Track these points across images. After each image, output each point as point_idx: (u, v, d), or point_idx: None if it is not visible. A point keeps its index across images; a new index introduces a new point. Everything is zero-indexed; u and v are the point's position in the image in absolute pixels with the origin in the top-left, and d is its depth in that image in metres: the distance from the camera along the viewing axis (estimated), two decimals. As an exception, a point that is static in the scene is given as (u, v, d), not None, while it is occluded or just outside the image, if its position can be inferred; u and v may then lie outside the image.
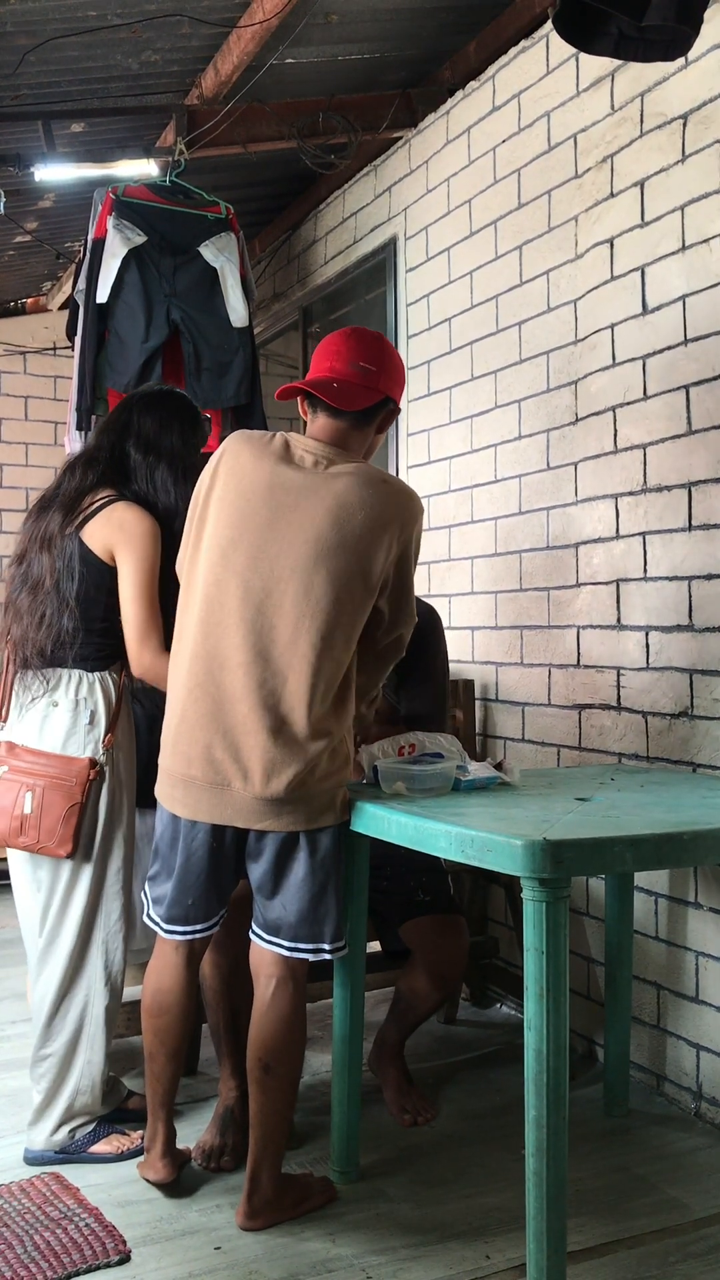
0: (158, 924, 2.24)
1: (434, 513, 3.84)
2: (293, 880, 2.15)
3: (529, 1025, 1.77)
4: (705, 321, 2.67)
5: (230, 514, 2.12)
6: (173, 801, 2.17)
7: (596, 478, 3.03)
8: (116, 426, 2.60)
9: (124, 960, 2.50)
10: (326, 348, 2.25)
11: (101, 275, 3.68)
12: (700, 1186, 2.35)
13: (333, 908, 2.18)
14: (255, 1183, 2.20)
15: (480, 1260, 2.09)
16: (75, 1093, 2.46)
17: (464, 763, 2.38)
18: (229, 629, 2.09)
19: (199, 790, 2.11)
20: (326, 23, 3.32)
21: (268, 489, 2.12)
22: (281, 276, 5.06)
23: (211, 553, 2.13)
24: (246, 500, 2.12)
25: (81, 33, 3.12)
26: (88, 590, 2.44)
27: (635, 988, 2.83)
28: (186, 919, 2.21)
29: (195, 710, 2.11)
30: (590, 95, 3.05)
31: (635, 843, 1.84)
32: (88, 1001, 2.46)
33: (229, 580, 2.10)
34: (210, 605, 2.11)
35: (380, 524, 2.11)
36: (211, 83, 3.53)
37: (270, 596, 2.08)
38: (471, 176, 3.60)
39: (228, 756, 2.09)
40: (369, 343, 2.23)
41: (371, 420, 2.24)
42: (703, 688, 2.68)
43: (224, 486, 2.15)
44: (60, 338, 5.30)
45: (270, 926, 2.18)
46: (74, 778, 2.40)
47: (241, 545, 2.10)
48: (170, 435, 2.57)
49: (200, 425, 2.66)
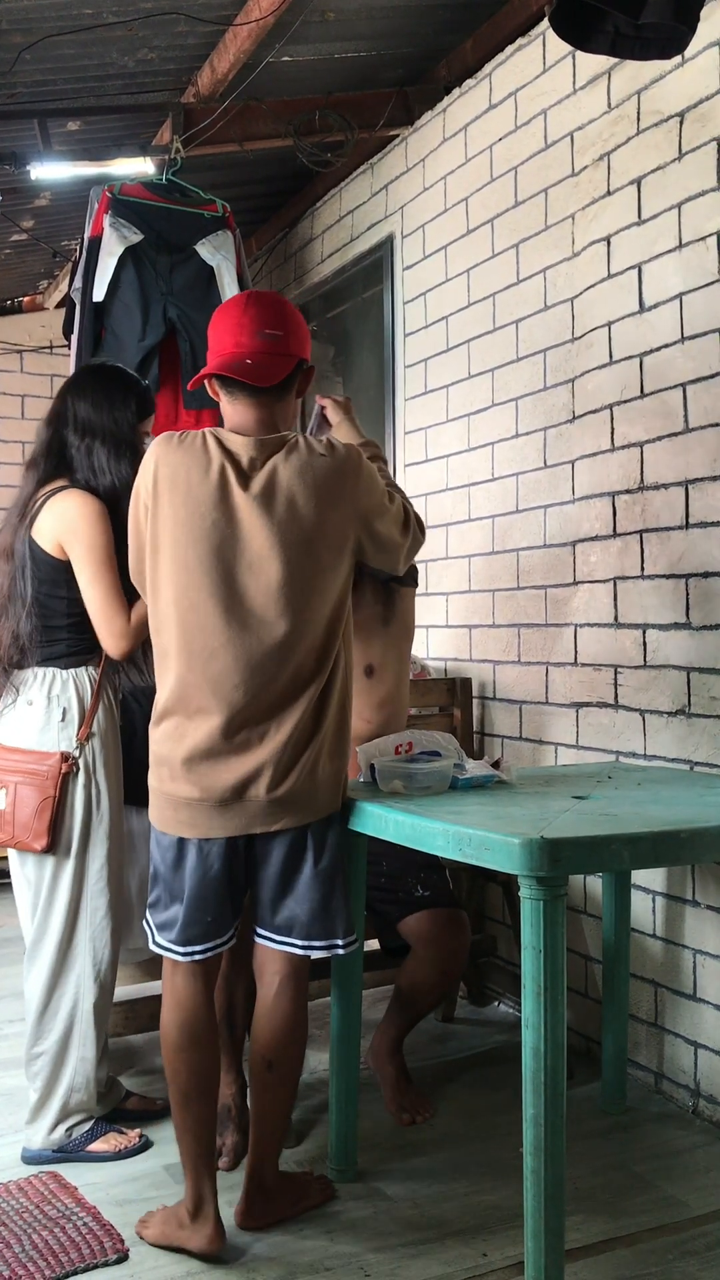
0: (170, 949, 2.11)
1: (431, 511, 3.84)
2: (303, 879, 2.12)
3: (527, 1023, 1.77)
4: (702, 319, 2.67)
5: (183, 534, 2.04)
6: (177, 825, 2.09)
7: (593, 476, 3.03)
8: (54, 417, 2.56)
9: (112, 957, 2.49)
10: (226, 321, 2.13)
11: (98, 274, 3.68)
12: (698, 1184, 2.36)
13: (343, 903, 2.17)
14: (255, 1181, 2.19)
15: (478, 1258, 2.10)
16: (70, 1090, 2.46)
17: (461, 761, 2.38)
18: (217, 653, 2.03)
19: (209, 809, 2.06)
20: (323, 20, 3.31)
21: (218, 499, 2.03)
22: (278, 274, 5.06)
23: (178, 575, 2.05)
24: (200, 515, 2.03)
25: (77, 30, 3.11)
26: (43, 587, 2.44)
27: (633, 986, 2.83)
28: (207, 936, 2.11)
29: (198, 735, 2.05)
30: (587, 93, 3.05)
31: (633, 841, 1.84)
32: (77, 999, 2.45)
33: (204, 602, 2.03)
34: (190, 632, 2.04)
35: (331, 499, 2.06)
36: (208, 81, 3.52)
37: (249, 608, 2.03)
38: (468, 174, 3.59)
39: (240, 773, 2.04)
40: (269, 307, 2.13)
41: (290, 388, 2.15)
42: (700, 686, 2.68)
43: (169, 505, 2.05)
44: (57, 336, 5.29)
45: (281, 927, 2.14)
46: (46, 771, 2.40)
47: (207, 562, 2.03)
48: (102, 414, 2.51)
49: (134, 395, 2.57)
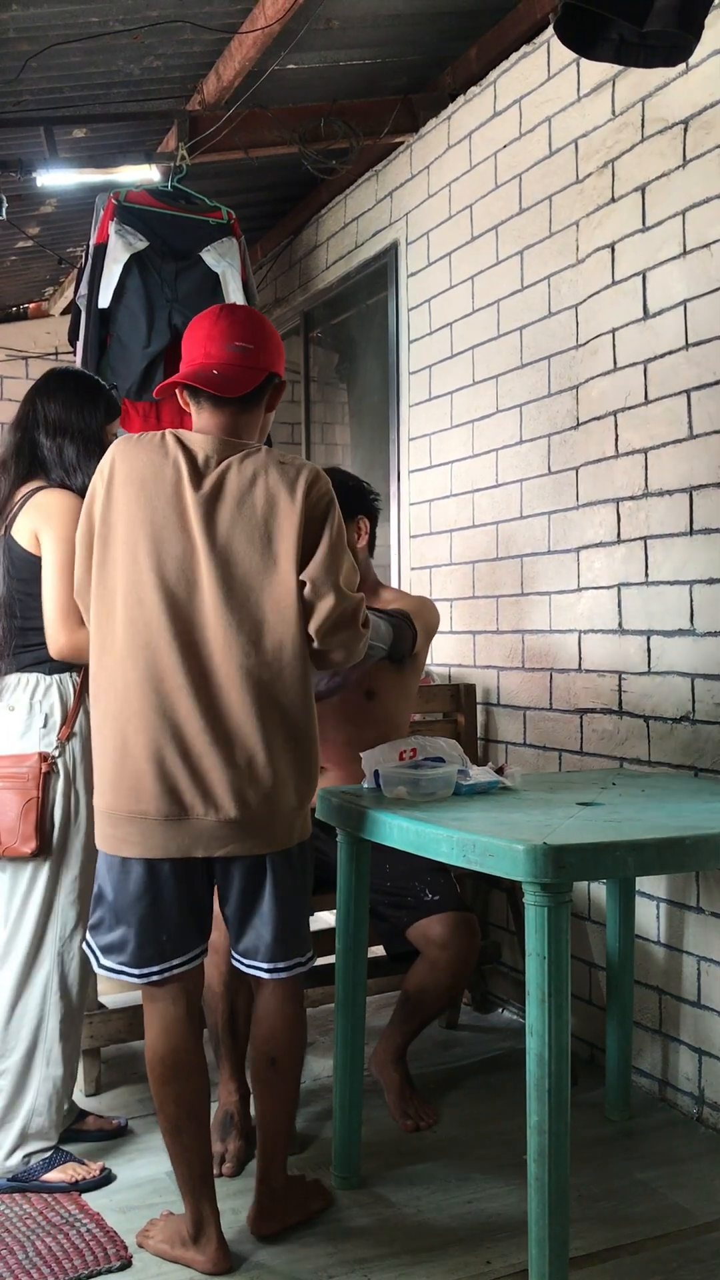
0: (124, 971, 2.04)
1: (435, 517, 3.84)
2: (264, 908, 2.07)
3: (530, 1030, 1.77)
4: (706, 326, 2.67)
5: (136, 527, 2.01)
6: (120, 843, 2.01)
7: (597, 482, 3.03)
8: (23, 419, 2.55)
9: (83, 974, 2.42)
10: (198, 333, 2.13)
11: (103, 280, 3.68)
12: (703, 1192, 2.35)
13: (304, 922, 2.15)
14: (266, 1186, 2.18)
15: (481, 1266, 2.09)
16: (31, 1113, 2.37)
17: (465, 767, 2.37)
18: (161, 650, 1.98)
19: (153, 825, 1.98)
20: (328, 28, 3.32)
21: (171, 495, 2.01)
22: (283, 281, 5.07)
23: (126, 572, 2.01)
24: (151, 510, 2.01)
25: (84, 39, 3.12)
26: (26, 588, 2.41)
27: (637, 992, 2.83)
28: (163, 955, 2.03)
29: (139, 740, 1.98)
30: (591, 100, 3.05)
31: (637, 847, 1.84)
32: (42, 1016, 2.37)
33: (150, 598, 1.99)
34: (135, 627, 1.99)
35: (280, 508, 2.03)
36: (213, 88, 3.54)
37: (195, 609, 2.00)
38: (473, 181, 3.60)
39: (186, 784, 1.97)
40: (242, 320, 2.12)
41: (259, 401, 2.13)
42: (704, 692, 2.68)
43: (124, 499, 2.03)
44: (62, 343, 5.30)
45: (247, 951, 2.11)
46: (26, 773, 2.35)
47: (155, 559, 1.99)
48: (71, 413, 2.51)
49: (101, 398, 2.57)
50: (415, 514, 3.97)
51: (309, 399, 5.05)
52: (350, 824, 2.25)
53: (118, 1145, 2.57)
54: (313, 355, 5.02)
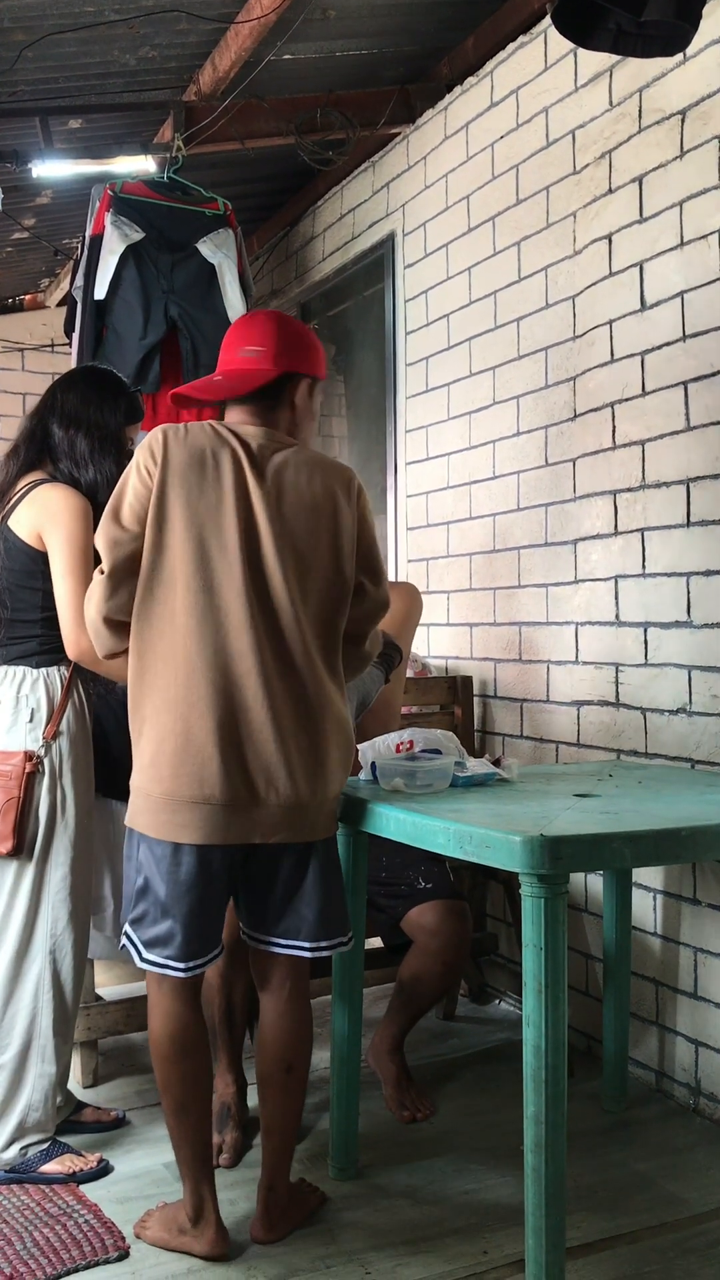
0: (169, 966, 2.02)
1: (432, 509, 3.84)
2: (308, 889, 2.09)
3: (527, 1021, 1.77)
4: (703, 317, 2.67)
5: (198, 512, 2.00)
6: (179, 829, 1.98)
7: (595, 474, 3.03)
8: (41, 408, 2.53)
9: (76, 971, 2.41)
10: (224, 340, 2.19)
11: (99, 272, 3.67)
12: (699, 1182, 2.36)
13: (345, 902, 2.17)
14: (272, 1194, 2.16)
15: (479, 1255, 2.10)
16: (27, 1108, 2.36)
17: (462, 759, 2.38)
18: (231, 635, 1.98)
19: (217, 811, 1.97)
20: (324, 18, 3.31)
21: (236, 484, 2.02)
22: (280, 273, 5.06)
23: (188, 556, 1.99)
24: (217, 496, 2.01)
25: (79, 29, 3.11)
26: (17, 579, 2.38)
27: (634, 984, 2.83)
28: (206, 947, 2.04)
29: (204, 725, 1.96)
30: (589, 91, 3.05)
31: (634, 839, 1.84)
32: (34, 1013, 2.35)
33: (219, 583, 1.99)
34: (202, 611, 1.98)
35: (331, 500, 2.08)
36: (209, 79, 3.52)
37: (266, 594, 2.01)
38: (470, 172, 3.59)
39: (253, 768, 1.99)
40: (256, 325, 2.16)
41: (280, 398, 2.13)
42: (701, 684, 2.68)
43: (181, 484, 2.01)
44: (58, 334, 5.29)
45: (288, 931, 2.10)
46: (10, 771, 2.32)
47: (222, 545, 2.00)
48: (90, 408, 2.48)
49: (123, 398, 2.55)
50: (412, 506, 3.97)
51: (306, 391, 5.03)
52: (347, 816, 2.25)
53: (115, 1137, 2.57)
54: (309, 347, 5.00)
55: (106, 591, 2.06)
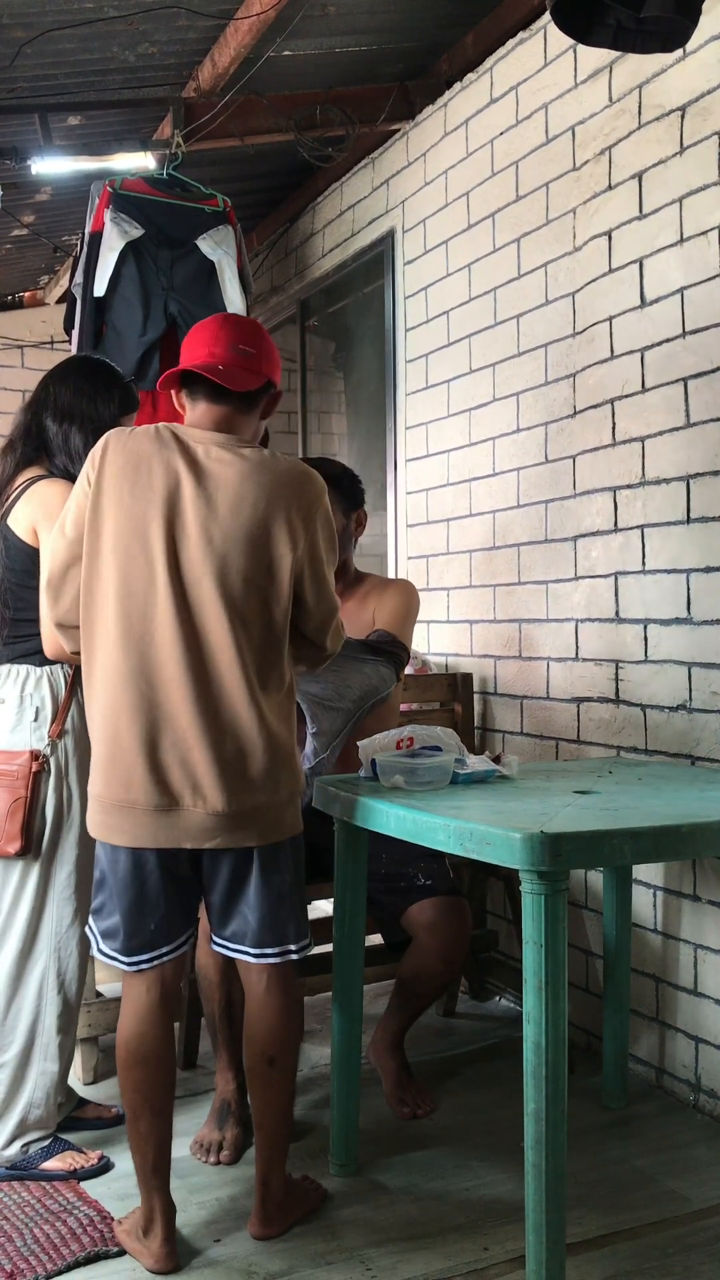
0: (116, 959, 2.06)
1: (432, 506, 3.84)
2: (250, 894, 2.08)
3: (528, 1018, 1.78)
4: (703, 314, 2.67)
5: (129, 519, 1.99)
6: (110, 831, 2.02)
7: (595, 471, 3.03)
8: (35, 402, 2.50)
9: (80, 969, 2.41)
10: (202, 335, 2.15)
11: (99, 269, 3.67)
12: (699, 1178, 2.36)
13: (293, 910, 2.13)
14: (267, 1188, 2.15)
15: (479, 1252, 2.10)
16: (29, 1105, 2.36)
17: (462, 756, 2.38)
18: (155, 642, 1.98)
19: (141, 815, 1.98)
20: (323, 15, 3.31)
21: (168, 489, 2.00)
22: (279, 269, 5.05)
23: (119, 563, 1.99)
24: (147, 503, 2.00)
25: (78, 25, 3.11)
26: (18, 578, 2.38)
27: (634, 980, 2.84)
28: (152, 944, 2.05)
29: (130, 731, 1.98)
30: (588, 87, 3.04)
31: (634, 835, 1.85)
32: (38, 1011, 2.36)
33: (145, 591, 1.98)
34: (130, 618, 1.98)
35: (275, 511, 2.04)
36: (208, 75, 3.52)
37: (190, 601, 1.99)
38: (469, 169, 3.59)
39: (176, 775, 1.98)
40: (246, 327, 2.16)
41: (255, 405, 2.15)
42: (701, 681, 2.68)
43: (115, 490, 2.01)
44: (58, 332, 5.29)
45: (234, 935, 2.11)
46: (16, 771, 2.32)
47: (150, 552, 1.98)
48: (84, 401, 2.46)
49: (118, 389, 2.52)
50: (412, 503, 3.97)
51: (305, 388, 5.03)
52: (347, 813, 2.25)
53: (116, 1134, 2.57)
54: (309, 344, 5.01)
55: (49, 599, 2.13)
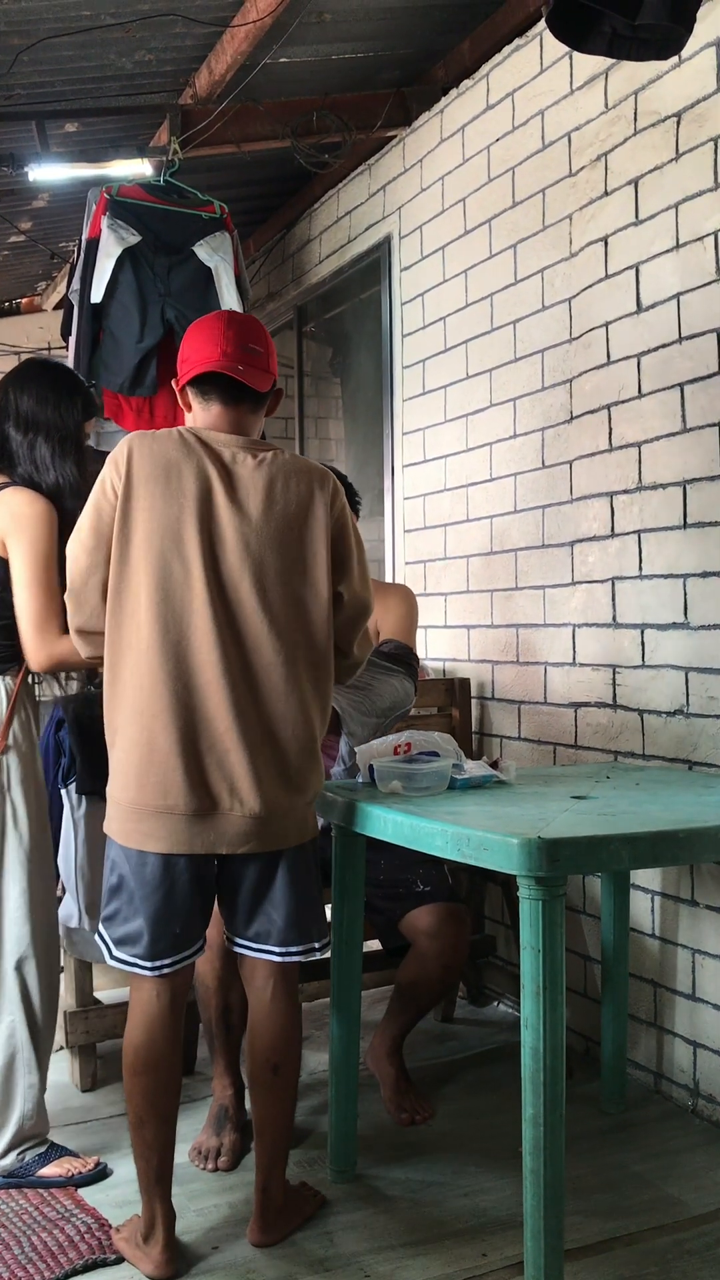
0: (137, 964, 2.04)
1: (429, 511, 3.84)
2: (276, 894, 2.09)
3: (526, 1023, 1.77)
4: (699, 319, 2.67)
5: (162, 524, 1.99)
6: (144, 837, 2.00)
7: (591, 476, 3.04)
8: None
9: (47, 984, 2.37)
10: (206, 334, 2.11)
11: (96, 275, 3.67)
12: (697, 1183, 2.36)
13: (318, 906, 2.15)
14: (266, 1195, 2.15)
15: (477, 1258, 2.10)
16: (22, 1118, 2.35)
17: (460, 761, 2.38)
18: (193, 646, 1.97)
19: (179, 821, 1.98)
20: (320, 22, 3.32)
21: (201, 492, 2.00)
22: (276, 276, 5.06)
23: (152, 569, 1.98)
24: (180, 507, 1.99)
25: (75, 32, 3.12)
26: None
27: (632, 985, 2.83)
28: (175, 948, 2.05)
29: (167, 735, 1.97)
30: (584, 94, 3.05)
31: (631, 841, 1.85)
32: (12, 1029, 2.33)
33: (182, 596, 1.98)
34: (165, 624, 1.98)
35: (304, 511, 2.06)
36: (205, 82, 3.53)
37: (228, 604, 2.00)
38: (466, 175, 3.59)
39: (215, 777, 1.98)
40: (250, 325, 2.14)
41: (264, 404, 2.15)
42: (698, 685, 2.68)
43: (146, 495, 2.00)
44: (55, 338, 5.29)
45: (258, 935, 2.12)
46: None
47: (186, 557, 1.98)
48: (46, 409, 2.40)
49: (80, 395, 2.49)
50: (409, 508, 3.97)
51: (302, 394, 5.04)
52: (345, 819, 2.25)
53: (113, 1140, 2.57)
54: (306, 350, 5.01)
55: (72, 608, 2.11)
